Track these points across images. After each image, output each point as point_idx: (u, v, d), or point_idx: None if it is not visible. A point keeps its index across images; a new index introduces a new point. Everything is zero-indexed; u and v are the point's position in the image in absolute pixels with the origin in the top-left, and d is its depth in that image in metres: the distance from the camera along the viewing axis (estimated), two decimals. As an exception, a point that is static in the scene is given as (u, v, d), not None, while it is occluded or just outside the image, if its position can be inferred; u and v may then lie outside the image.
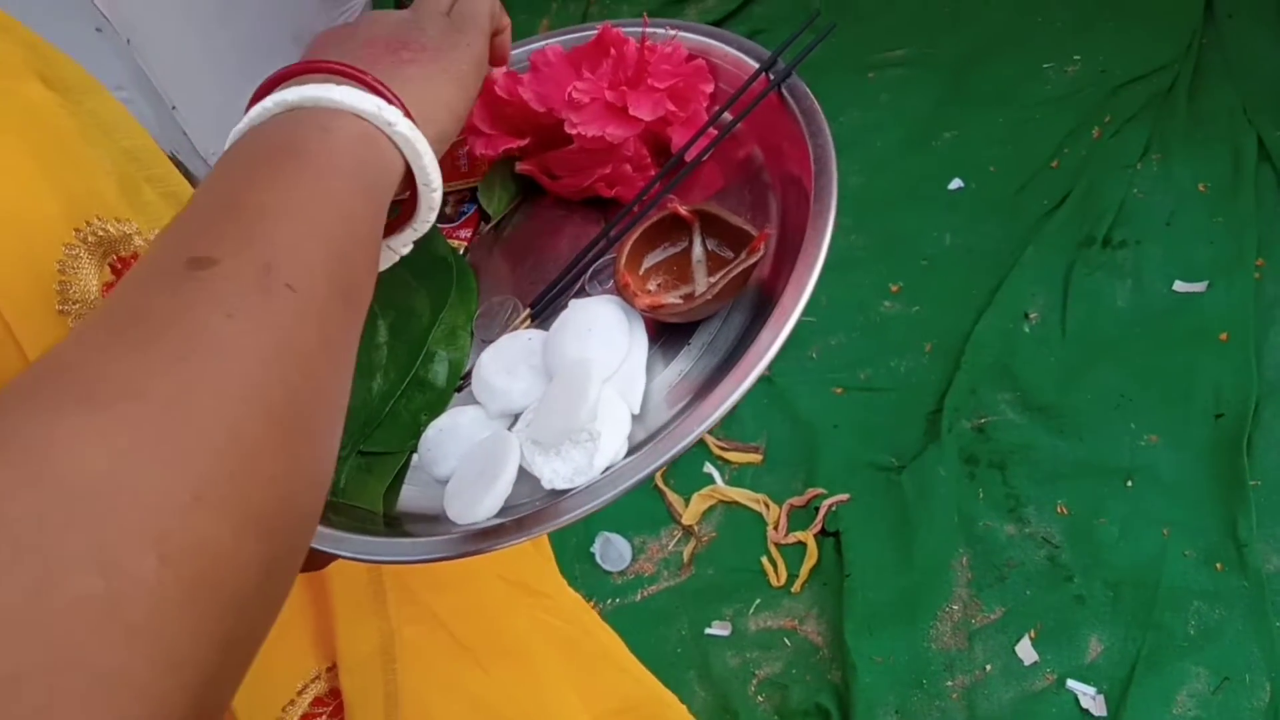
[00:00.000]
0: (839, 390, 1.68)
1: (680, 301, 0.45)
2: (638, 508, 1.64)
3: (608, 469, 0.40)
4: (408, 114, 0.37)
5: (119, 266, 0.43)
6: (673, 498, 1.62)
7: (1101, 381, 1.55)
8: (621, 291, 0.45)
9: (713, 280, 0.45)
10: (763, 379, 1.53)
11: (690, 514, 1.59)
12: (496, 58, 0.48)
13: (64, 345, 0.26)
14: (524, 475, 0.41)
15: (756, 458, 1.64)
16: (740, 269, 0.44)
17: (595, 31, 0.52)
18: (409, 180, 0.39)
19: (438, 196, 0.39)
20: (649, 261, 0.48)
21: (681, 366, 0.45)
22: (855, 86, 2.14)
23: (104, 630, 0.20)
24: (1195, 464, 1.43)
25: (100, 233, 0.43)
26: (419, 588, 0.63)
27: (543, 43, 0.56)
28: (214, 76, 2.12)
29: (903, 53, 2.17)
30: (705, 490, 1.61)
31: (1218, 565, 1.32)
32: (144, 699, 0.21)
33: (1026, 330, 1.66)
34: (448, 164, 0.57)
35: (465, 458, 0.43)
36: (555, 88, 0.50)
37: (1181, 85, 1.86)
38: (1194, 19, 1.94)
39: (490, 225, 0.54)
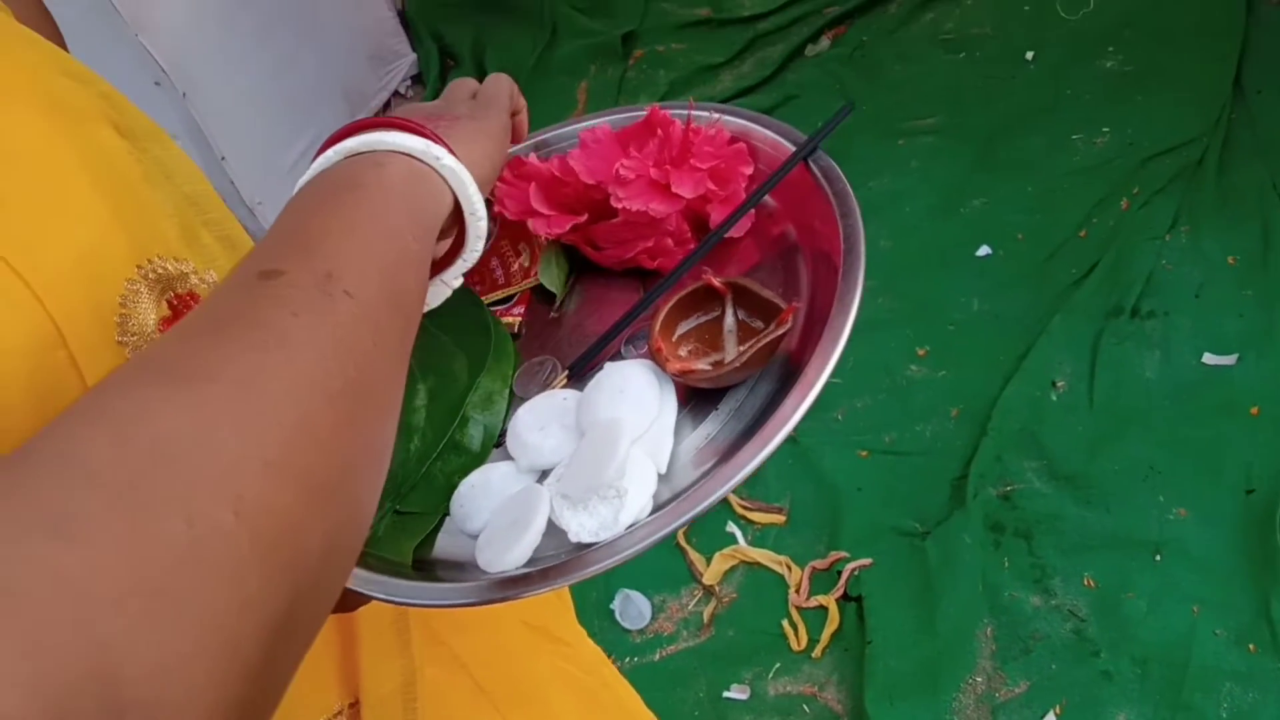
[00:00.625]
0: (864, 453, 1.68)
1: (710, 368, 0.47)
2: (659, 566, 1.64)
3: (632, 525, 0.41)
4: (452, 152, 0.41)
5: (175, 303, 0.46)
6: (694, 556, 1.62)
7: (1130, 452, 1.54)
8: (654, 356, 0.47)
9: (742, 349, 0.46)
10: (788, 439, 1.54)
11: (711, 574, 1.59)
12: (515, 135, 0.53)
13: (155, 342, 0.30)
14: (552, 528, 0.43)
15: (780, 519, 1.64)
16: (768, 339, 0.45)
17: (644, 113, 0.55)
18: (457, 216, 0.43)
19: (484, 225, 0.43)
20: (682, 329, 0.50)
21: (709, 430, 0.47)
22: (886, 152, 2.17)
23: (187, 567, 0.23)
24: (1226, 540, 1.41)
25: (160, 270, 0.46)
26: (443, 629, 0.64)
27: (593, 122, 0.60)
28: (263, 130, 2.20)
29: (933, 121, 2.21)
30: (727, 550, 1.61)
31: (1250, 646, 1.30)
32: (219, 631, 0.23)
33: (1054, 398, 1.65)
34: (483, 276, 0.60)
35: (496, 511, 0.44)
36: (604, 163, 0.53)
37: (1210, 159, 1.87)
38: (1223, 94, 1.96)
39: (557, 304, 0.56)
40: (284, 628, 0.26)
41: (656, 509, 0.43)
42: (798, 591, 1.53)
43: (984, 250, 1.90)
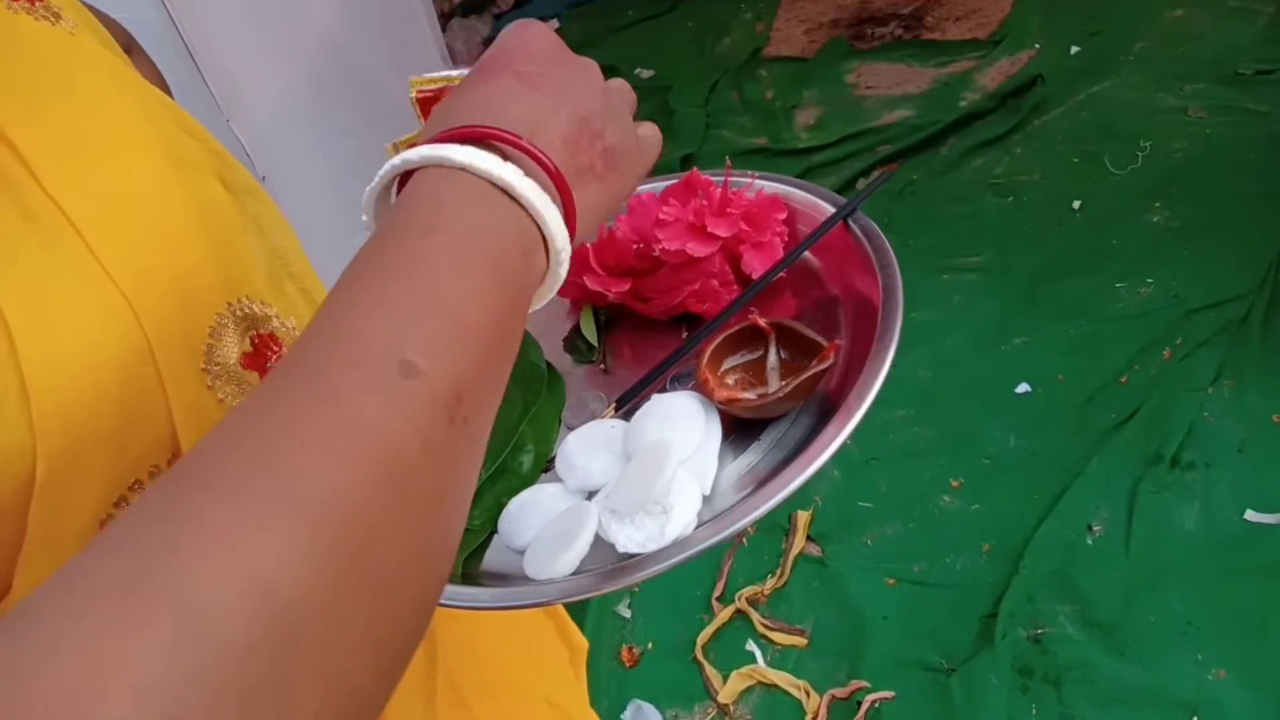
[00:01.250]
0: (891, 581, 1.66)
1: (754, 397, 0.50)
2: (674, 679, 1.60)
3: (676, 539, 0.44)
4: (571, 223, 0.38)
5: (257, 341, 0.49)
6: (711, 672, 1.58)
7: (1166, 605, 1.50)
8: (701, 387, 0.51)
9: (785, 382, 0.49)
10: (816, 560, 1.51)
11: (727, 692, 1.55)
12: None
13: (259, 416, 0.29)
14: (598, 543, 0.45)
15: (801, 640, 1.60)
16: (812, 373, 0.48)
17: (684, 176, 0.61)
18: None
19: (564, 272, 0.40)
20: (727, 364, 0.54)
21: (751, 459, 0.49)
22: (929, 286, 2.21)
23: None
24: (1269, 707, 1.35)
25: (247, 310, 0.50)
26: (468, 691, 0.65)
27: (639, 188, 0.64)
28: (336, 219, 2.32)
29: (978, 260, 2.25)
30: (745, 669, 1.58)
31: (1291, 823, 1.22)
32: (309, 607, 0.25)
33: (1089, 543, 1.62)
34: None
35: (544, 526, 0.47)
36: (647, 222, 0.58)
37: (1256, 316, 1.88)
38: (1270, 252, 1.98)
39: (599, 356, 0.60)
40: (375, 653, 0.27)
41: (699, 526, 0.45)
42: (815, 719, 1.49)
43: (1023, 388, 1.90)
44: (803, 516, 1.76)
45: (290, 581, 0.25)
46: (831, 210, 0.60)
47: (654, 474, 0.45)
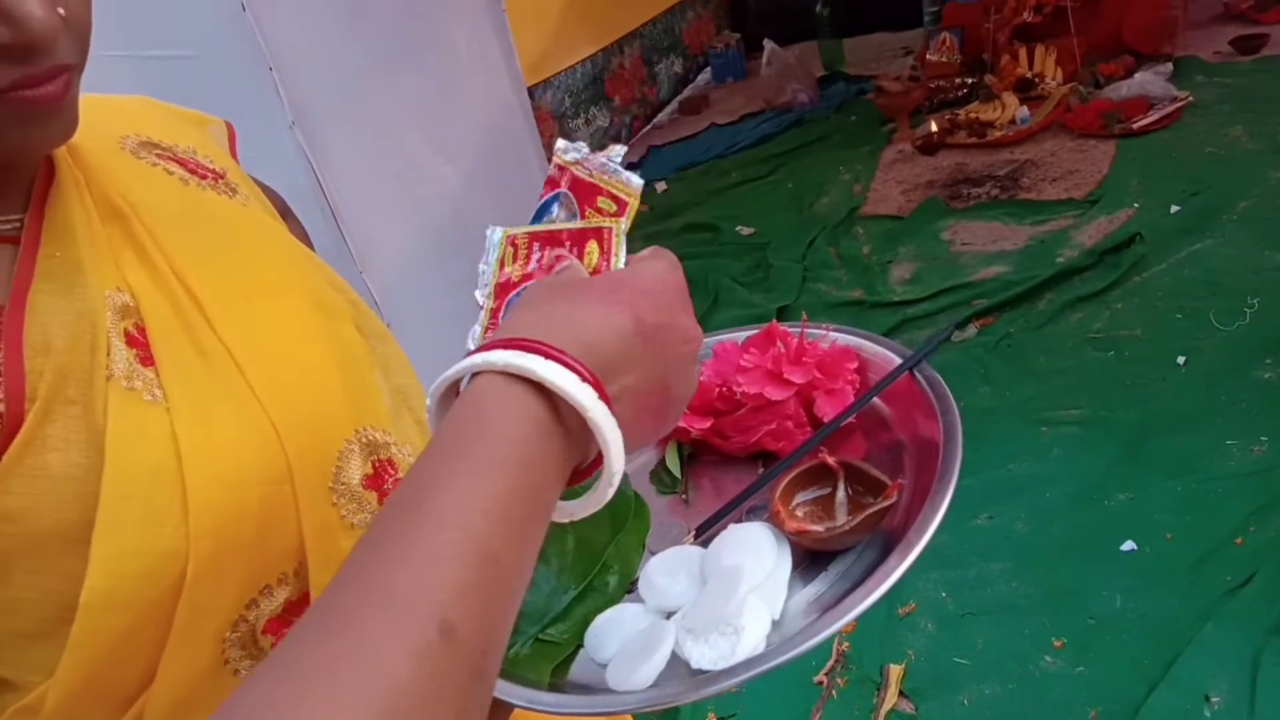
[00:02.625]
0: (989, 745, 1.58)
1: (822, 530, 0.54)
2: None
3: (745, 659, 0.47)
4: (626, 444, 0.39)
5: (377, 464, 0.57)
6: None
7: (1297, 788, 1.38)
8: (773, 518, 0.55)
9: (851, 517, 0.53)
10: (908, 717, 1.47)
11: None
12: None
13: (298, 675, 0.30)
14: (674, 659, 0.49)
15: (892, 803, 1.53)
16: (877, 508, 0.52)
17: (764, 327, 0.68)
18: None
19: (611, 493, 0.41)
20: (798, 499, 0.58)
21: (818, 589, 0.53)
22: (1028, 438, 2.19)
23: None
24: None
25: (370, 437, 0.58)
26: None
27: (723, 336, 0.71)
28: (430, 304, 2.49)
29: (1078, 413, 2.22)
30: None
31: None
32: None
33: (1207, 715, 1.52)
34: None
35: (625, 641, 0.51)
36: (730, 367, 0.65)
37: (1383, 479, 1.79)
38: (1394, 415, 1.90)
39: (682, 487, 0.65)
40: None
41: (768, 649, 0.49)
42: None
43: (1129, 545, 1.84)
44: (895, 670, 1.71)
45: None
46: (899, 361, 0.66)
47: (727, 597, 0.50)
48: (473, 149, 2.84)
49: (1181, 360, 2.28)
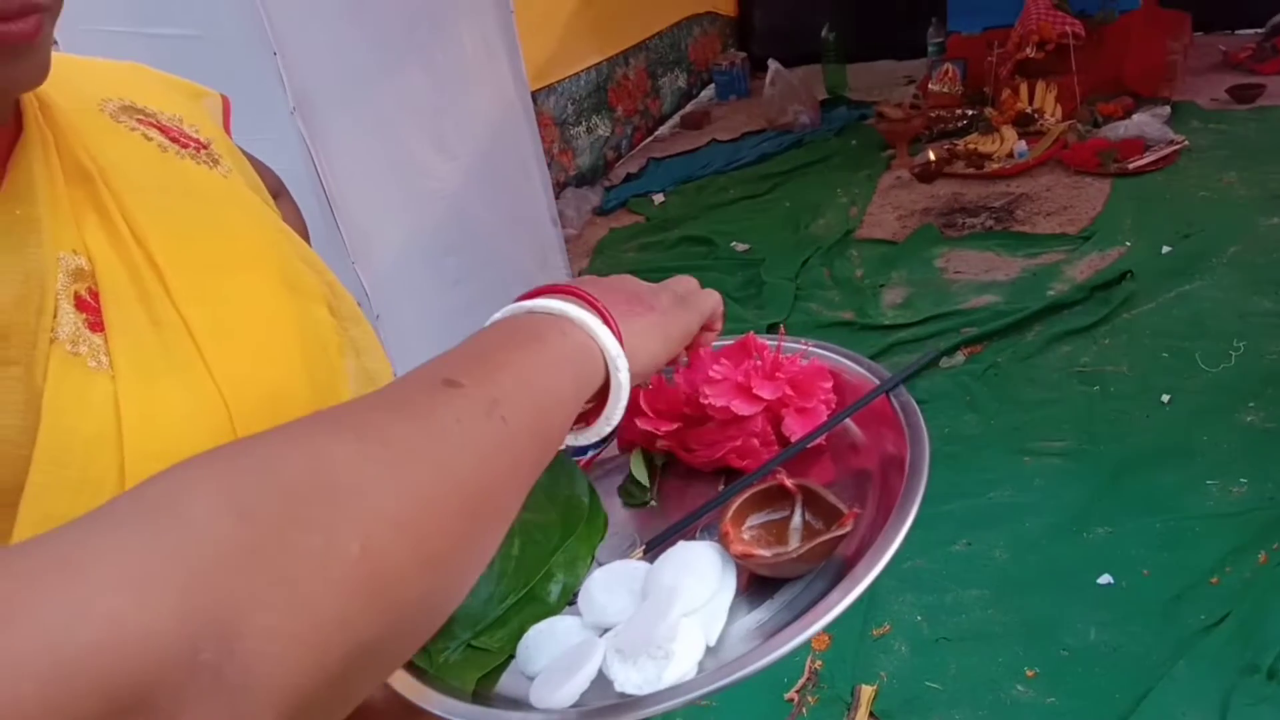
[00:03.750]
0: (957, 771, 1.57)
1: (769, 554, 0.52)
2: None
3: (673, 686, 0.45)
4: (623, 346, 0.48)
5: None
6: None
7: (1261, 829, 1.38)
8: (721, 539, 0.52)
9: (801, 544, 0.51)
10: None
11: None
12: (697, 343, 0.59)
13: (341, 405, 0.38)
14: (602, 679, 0.47)
15: (857, 825, 1.52)
16: (828, 538, 0.50)
17: (741, 338, 0.65)
18: (602, 393, 0.49)
19: (620, 411, 0.49)
20: (752, 521, 0.55)
21: (761, 617, 0.50)
22: (1010, 467, 2.19)
23: (316, 572, 0.30)
24: None
25: None
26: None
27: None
28: (434, 341, 2.48)
29: (1062, 445, 2.23)
30: None
31: None
32: (320, 630, 0.30)
33: (1175, 751, 1.52)
34: None
35: (556, 657, 0.49)
36: (700, 376, 0.62)
37: (1360, 526, 1.80)
38: (1373, 464, 1.91)
39: (651, 496, 0.63)
40: (366, 654, 0.32)
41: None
42: None
43: (1105, 579, 1.84)
44: (866, 691, 1.71)
45: (336, 457, 0.33)
46: (877, 382, 0.63)
47: (659, 617, 0.47)
48: (474, 148, 2.83)
49: (1166, 398, 2.29)
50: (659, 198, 4.34)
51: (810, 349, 0.66)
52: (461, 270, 2.67)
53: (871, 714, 1.68)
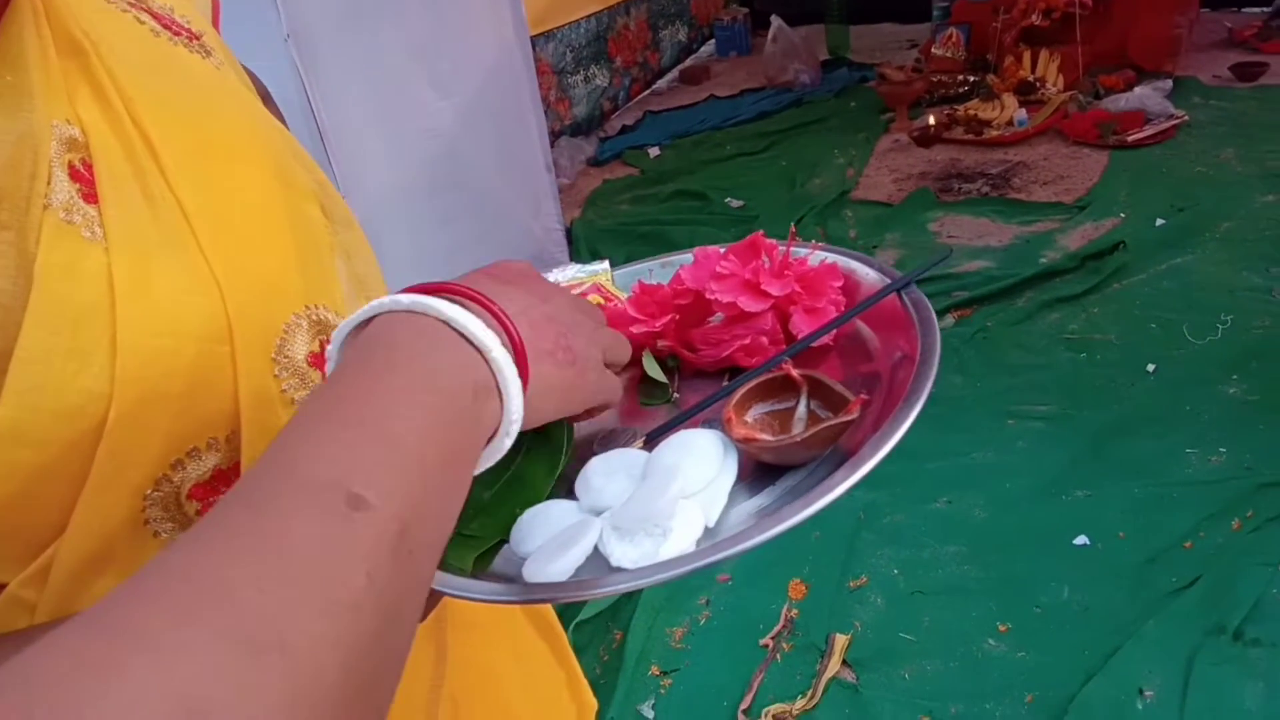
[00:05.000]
0: (926, 718, 1.60)
1: (771, 439, 0.51)
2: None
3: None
4: (525, 377, 0.42)
5: (324, 344, 0.55)
6: (729, 786, 1.54)
7: (1219, 783, 1.41)
8: (724, 426, 0.51)
9: (805, 430, 0.50)
10: (849, 686, 1.48)
11: (743, 808, 1.50)
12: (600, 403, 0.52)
13: (209, 543, 0.30)
14: (598, 558, 0.46)
15: (825, 767, 1.55)
16: (834, 423, 0.48)
17: (749, 238, 0.63)
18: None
19: (507, 444, 0.43)
20: (756, 410, 0.54)
21: (762, 502, 0.49)
22: (994, 429, 2.21)
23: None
24: None
25: (320, 316, 0.56)
26: (469, 717, 0.67)
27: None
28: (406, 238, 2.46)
29: (1046, 409, 2.24)
30: (764, 787, 1.52)
31: None
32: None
33: (1139, 707, 1.55)
34: None
35: (550, 537, 0.48)
36: (706, 273, 0.61)
37: (1333, 498, 1.82)
38: (1350, 438, 1.93)
39: (671, 392, 0.61)
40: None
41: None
42: None
43: (1081, 540, 1.86)
44: (840, 639, 1.73)
45: (220, 705, 0.25)
46: (887, 281, 0.61)
47: (658, 493, 0.46)
48: (470, 89, 2.79)
49: (1151, 368, 2.30)
50: (654, 151, 4.30)
51: (819, 251, 0.65)
52: (452, 210, 2.64)
53: (845, 662, 1.71)
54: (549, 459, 0.54)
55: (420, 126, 2.60)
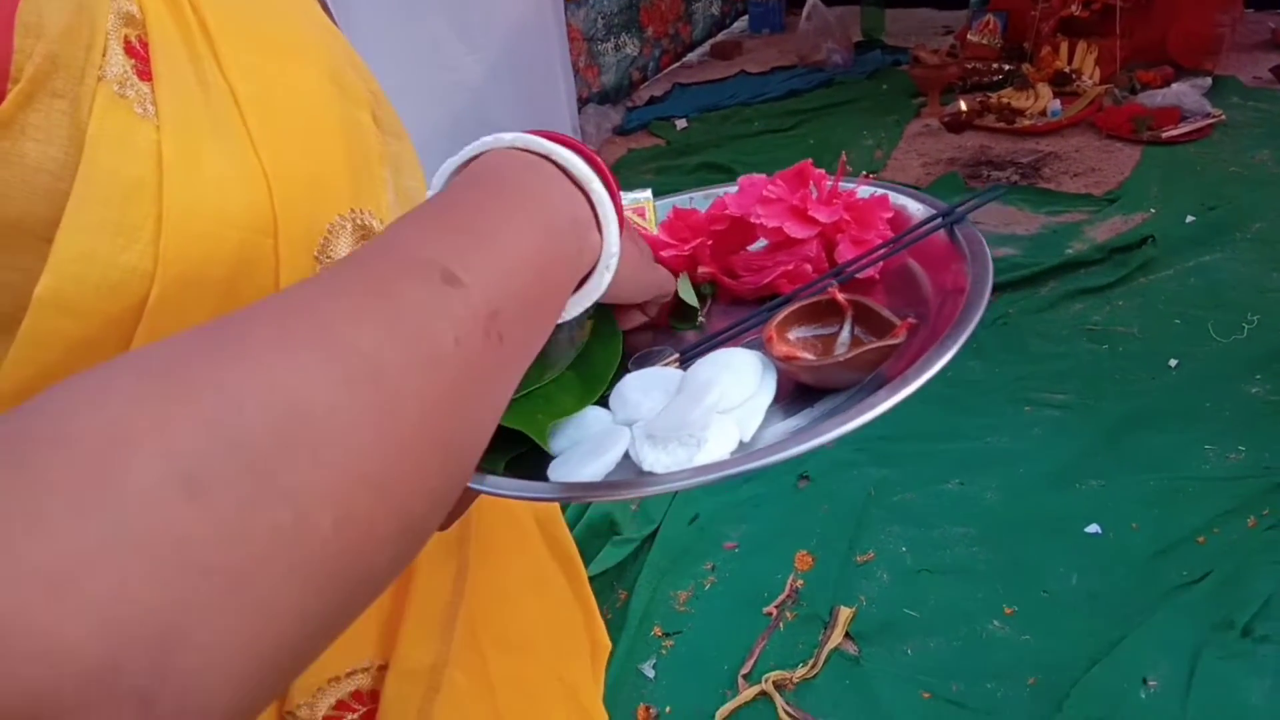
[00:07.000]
0: (926, 695, 1.59)
1: (813, 358, 0.49)
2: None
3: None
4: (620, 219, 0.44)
5: None
6: (725, 750, 1.54)
7: (1221, 776, 1.40)
8: (765, 345, 0.50)
9: (848, 351, 0.48)
10: (851, 658, 1.48)
11: (738, 771, 1.50)
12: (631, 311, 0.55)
13: (300, 291, 0.32)
14: (628, 466, 0.45)
15: (823, 735, 1.54)
16: (875, 346, 0.47)
17: (797, 165, 0.61)
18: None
19: (606, 280, 0.45)
20: (798, 333, 0.53)
21: (799, 423, 0.48)
22: (1010, 415, 2.19)
23: (276, 562, 0.25)
24: None
25: (366, 221, 0.55)
26: (484, 637, 0.66)
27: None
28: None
29: (1064, 398, 2.22)
30: (760, 751, 1.52)
31: None
32: (273, 633, 0.25)
33: (1142, 696, 1.54)
34: None
35: (580, 442, 0.47)
36: (751, 199, 0.59)
37: (1352, 501, 1.80)
38: (1373, 443, 1.91)
39: (699, 316, 0.60)
40: (320, 638, 0.28)
41: None
42: (824, 817, 1.42)
43: (1093, 528, 1.85)
44: (844, 612, 1.72)
45: (312, 400, 0.27)
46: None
47: (694, 402, 0.45)
48: (500, 45, 2.76)
49: (1174, 363, 2.28)
50: (681, 123, 4.26)
51: (867, 185, 0.63)
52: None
53: (847, 634, 1.70)
54: (608, 352, 0.53)
55: (447, 80, 2.58)
